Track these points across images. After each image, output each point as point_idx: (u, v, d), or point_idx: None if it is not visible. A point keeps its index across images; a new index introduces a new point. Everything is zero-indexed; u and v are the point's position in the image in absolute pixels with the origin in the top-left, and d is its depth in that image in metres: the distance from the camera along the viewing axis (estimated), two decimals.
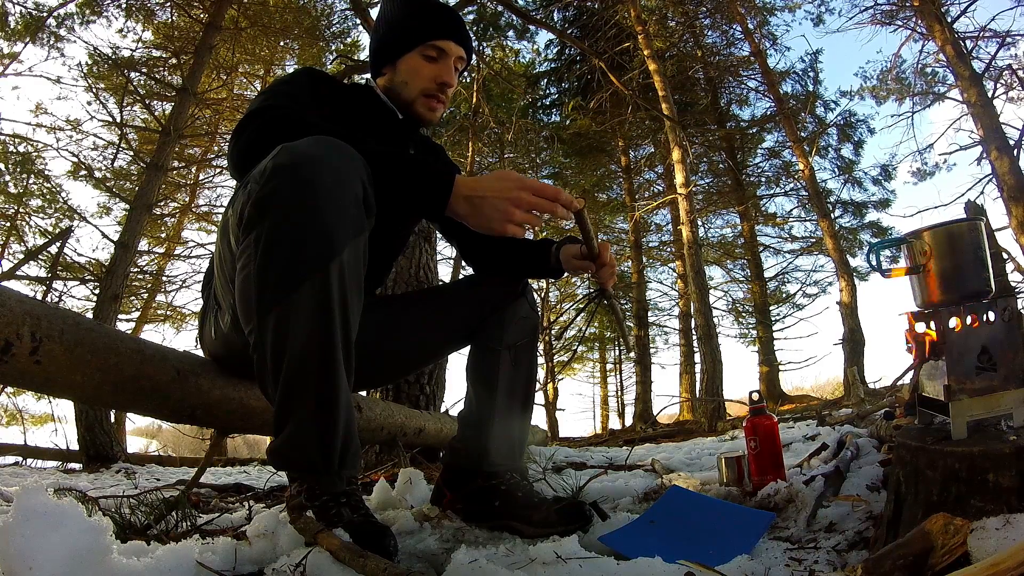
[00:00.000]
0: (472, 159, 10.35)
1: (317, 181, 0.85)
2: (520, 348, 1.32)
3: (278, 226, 0.86)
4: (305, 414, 0.90)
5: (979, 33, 7.93)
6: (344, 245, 0.88)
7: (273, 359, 0.89)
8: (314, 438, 0.91)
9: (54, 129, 8.71)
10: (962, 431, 0.80)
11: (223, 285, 1.10)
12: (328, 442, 0.92)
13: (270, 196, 0.86)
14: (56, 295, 7.35)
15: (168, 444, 12.19)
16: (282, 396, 0.91)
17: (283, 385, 0.90)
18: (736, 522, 1.07)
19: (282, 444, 0.93)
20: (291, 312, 0.86)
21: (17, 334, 0.85)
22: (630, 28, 9.65)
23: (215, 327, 1.19)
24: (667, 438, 5.83)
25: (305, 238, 0.85)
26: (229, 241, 1.01)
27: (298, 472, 0.95)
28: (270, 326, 0.88)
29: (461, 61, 1.26)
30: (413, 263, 3.01)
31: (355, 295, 0.91)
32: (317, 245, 0.86)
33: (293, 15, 8.79)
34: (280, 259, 0.86)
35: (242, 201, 0.92)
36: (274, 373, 0.90)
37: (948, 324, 0.86)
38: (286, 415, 0.92)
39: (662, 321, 14.71)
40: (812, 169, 9.91)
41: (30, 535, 0.63)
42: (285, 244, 0.86)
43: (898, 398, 2.61)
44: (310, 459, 0.92)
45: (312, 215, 0.85)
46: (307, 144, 0.88)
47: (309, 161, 0.86)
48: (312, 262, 0.86)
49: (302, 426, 0.91)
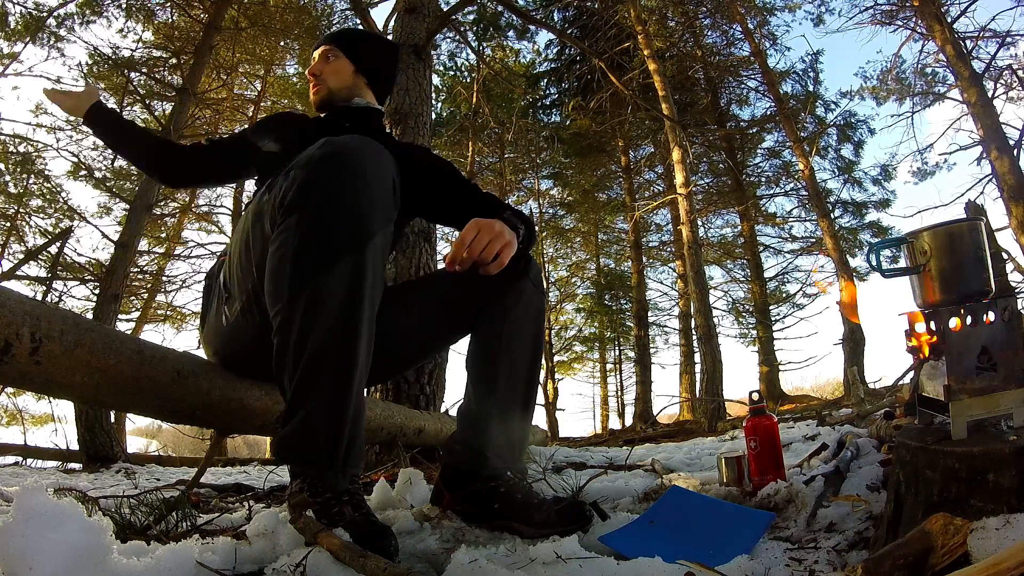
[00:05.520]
0: (472, 159, 10.36)
1: (359, 170, 0.94)
2: (523, 334, 1.25)
3: (321, 209, 0.93)
4: (319, 401, 0.92)
5: (979, 33, 7.93)
6: (378, 231, 0.96)
7: (298, 340, 0.92)
8: (324, 428, 0.93)
9: (54, 129, 8.71)
10: (962, 431, 0.80)
11: (242, 271, 1.13)
12: (337, 434, 0.93)
13: (315, 182, 0.94)
14: (56, 295, 7.36)
15: (168, 444, 12.21)
16: (299, 381, 0.93)
17: (303, 368, 0.92)
18: (736, 522, 1.06)
19: (290, 433, 0.94)
20: (325, 291, 0.92)
21: (17, 334, 0.85)
22: (630, 28, 9.65)
23: (221, 317, 1.20)
24: (667, 438, 5.83)
25: (345, 221, 0.93)
26: (263, 225, 1.06)
27: (303, 466, 0.96)
28: (301, 305, 0.92)
29: (328, 51, 1.47)
30: (413, 262, 3.01)
31: (380, 281, 0.98)
32: (355, 228, 0.93)
33: (293, 15, 8.78)
34: (320, 238, 0.93)
35: (284, 186, 0.98)
36: (295, 355, 0.93)
37: (948, 324, 0.86)
38: (299, 401, 0.93)
39: (662, 321, 14.72)
40: (812, 169, 9.90)
41: (30, 535, 0.63)
42: (327, 225, 0.93)
43: (898, 398, 2.61)
44: (317, 451, 0.94)
45: (353, 200, 0.93)
46: (350, 138, 0.98)
47: (352, 152, 0.96)
48: (350, 243, 0.93)
49: (314, 414, 0.92)
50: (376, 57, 1.54)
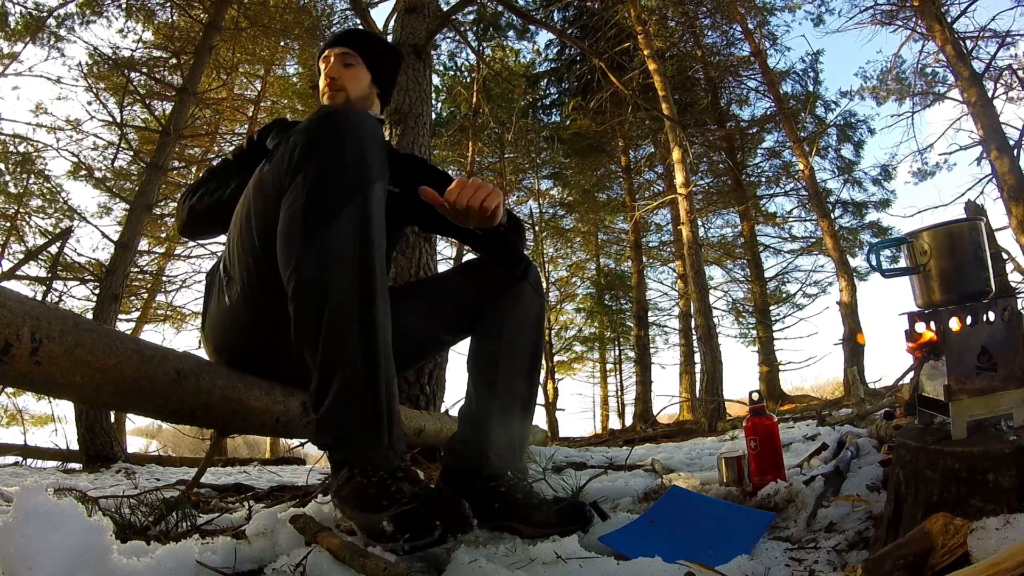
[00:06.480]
0: (472, 159, 10.36)
1: (356, 125, 1.02)
2: (523, 335, 1.27)
3: (325, 159, 0.99)
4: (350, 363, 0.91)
5: (979, 33, 7.92)
6: (377, 178, 1.01)
7: (316, 297, 0.93)
8: (361, 395, 0.91)
9: (54, 129, 8.70)
10: (962, 431, 0.80)
11: (243, 246, 1.14)
12: (375, 399, 0.91)
13: (317, 139, 1.00)
14: (56, 295, 7.36)
15: (168, 444, 12.20)
16: (325, 342, 0.92)
17: (327, 324, 0.92)
18: (736, 522, 1.06)
19: (329, 409, 0.92)
20: (335, 236, 0.95)
21: (17, 335, 0.85)
22: (630, 28, 9.64)
23: (222, 306, 1.21)
24: (667, 438, 5.83)
25: (347, 168, 0.99)
26: (265, 193, 1.08)
27: (349, 446, 0.93)
28: (314, 255, 0.95)
29: (347, 56, 1.45)
30: (413, 263, 3.01)
31: (383, 231, 1.01)
32: (358, 173, 0.99)
33: (293, 15, 8.78)
34: (326, 186, 0.98)
35: (286, 153, 1.03)
36: (315, 312, 0.93)
37: (948, 324, 0.86)
38: (330, 369, 0.92)
39: (662, 321, 14.70)
40: (812, 169, 9.90)
41: (30, 535, 0.63)
42: (331, 174, 0.99)
43: (898, 398, 2.61)
44: (360, 423, 0.91)
45: (353, 148, 1.00)
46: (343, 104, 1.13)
47: (348, 112, 1.04)
48: (355, 185, 0.98)
49: (349, 381, 0.91)
50: (390, 69, 1.55)
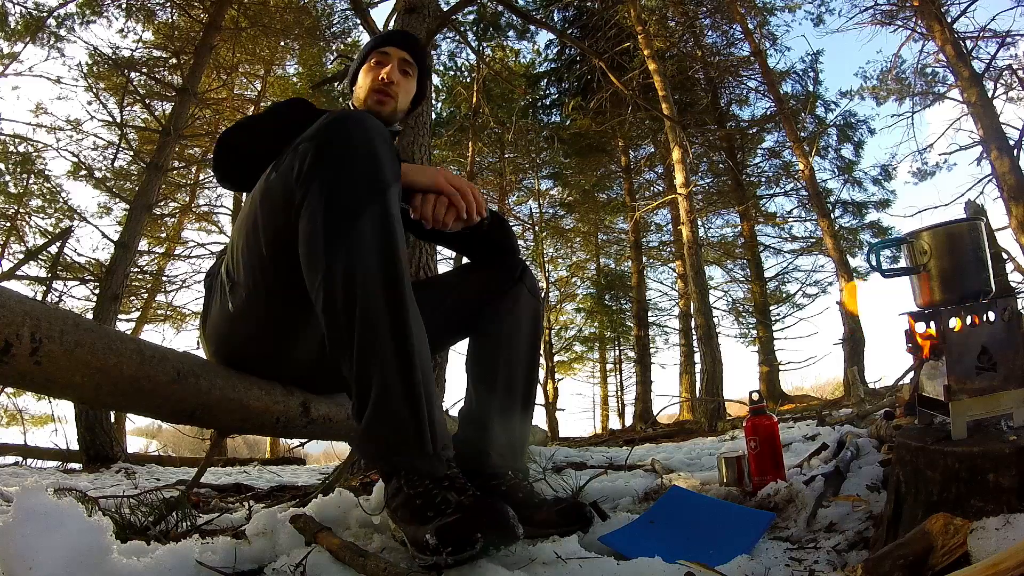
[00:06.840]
0: (472, 159, 10.36)
1: (368, 128, 1.00)
2: (521, 335, 1.28)
3: (338, 166, 0.97)
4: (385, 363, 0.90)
5: (979, 33, 7.93)
6: (393, 180, 1.00)
7: (345, 303, 0.92)
8: (400, 400, 0.90)
9: (54, 129, 8.72)
10: (962, 431, 0.80)
11: (249, 252, 1.12)
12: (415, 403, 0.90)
13: (328, 143, 0.98)
14: (56, 295, 7.36)
15: (168, 444, 12.18)
16: (359, 353, 0.91)
17: (359, 336, 0.91)
18: (736, 522, 1.06)
19: (371, 421, 0.91)
20: (358, 246, 0.93)
21: (17, 335, 0.84)
22: (630, 28, 9.64)
23: (225, 309, 1.20)
24: (667, 438, 5.82)
25: (363, 172, 0.97)
26: (272, 201, 1.06)
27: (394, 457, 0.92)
28: (340, 267, 0.93)
29: (407, 64, 1.42)
30: (413, 263, 3.01)
31: (402, 230, 1.00)
32: (375, 176, 0.97)
33: (293, 15, 8.78)
34: (344, 193, 0.96)
35: (295, 162, 1.00)
36: (347, 320, 0.92)
37: (948, 324, 0.86)
38: (367, 373, 0.91)
39: (662, 321, 14.70)
40: (812, 169, 9.90)
41: (30, 535, 0.63)
42: (346, 181, 0.96)
43: (898, 398, 2.61)
44: (404, 433, 0.90)
45: (365, 152, 0.98)
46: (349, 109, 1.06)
47: (355, 115, 1.01)
48: (373, 187, 0.97)
49: (387, 388, 0.90)
50: (425, 89, 1.53)
